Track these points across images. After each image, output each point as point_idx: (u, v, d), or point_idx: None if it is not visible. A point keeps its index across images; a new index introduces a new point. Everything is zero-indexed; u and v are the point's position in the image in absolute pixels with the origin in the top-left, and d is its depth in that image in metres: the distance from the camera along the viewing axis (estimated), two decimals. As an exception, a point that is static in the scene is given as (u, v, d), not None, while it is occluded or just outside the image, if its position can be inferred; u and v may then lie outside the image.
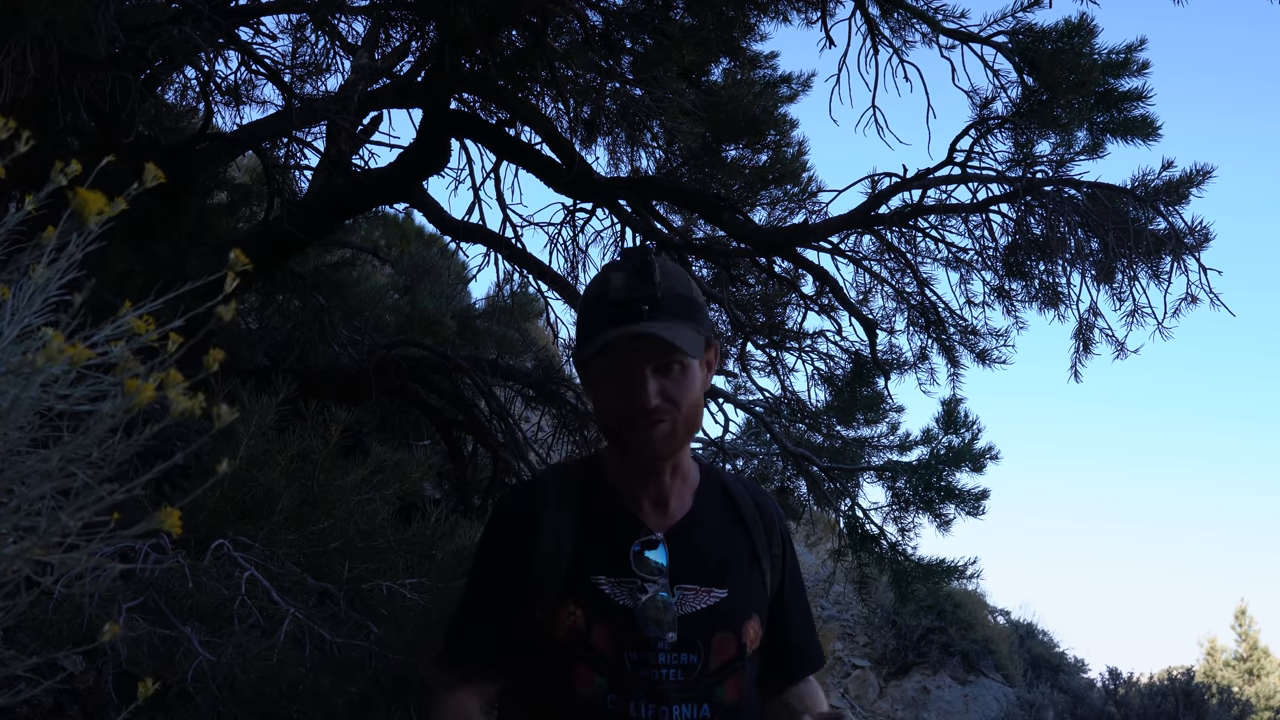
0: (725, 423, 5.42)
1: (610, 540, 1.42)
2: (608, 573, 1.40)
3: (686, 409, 1.39)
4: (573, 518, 1.44)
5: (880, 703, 9.57)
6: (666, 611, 1.38)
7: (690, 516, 1.46)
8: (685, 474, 1.49)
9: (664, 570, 1.41)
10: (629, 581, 1.40)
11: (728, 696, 1.41)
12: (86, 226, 0.82)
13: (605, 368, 1.39)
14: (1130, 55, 4.05)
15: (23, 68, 2.72)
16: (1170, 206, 4.05)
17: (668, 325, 1.35)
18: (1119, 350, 4.31)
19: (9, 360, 0.81)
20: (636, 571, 1.40)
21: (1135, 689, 8.46)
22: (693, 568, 1.42)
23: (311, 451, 2.90)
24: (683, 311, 1.38)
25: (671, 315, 1.36)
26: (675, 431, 1.39)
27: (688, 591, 1.41)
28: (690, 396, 1.39)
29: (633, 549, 1.41)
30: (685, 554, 1.43)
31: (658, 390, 1.36)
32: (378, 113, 4.67)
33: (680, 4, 4.02)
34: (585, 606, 1.38)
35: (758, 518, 1.51)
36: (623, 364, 1.37)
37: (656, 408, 1.35)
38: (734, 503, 1.52)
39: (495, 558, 1.47)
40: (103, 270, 3.24)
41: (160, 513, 0.76)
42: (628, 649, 1.37)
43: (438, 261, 6.55)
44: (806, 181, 4.91)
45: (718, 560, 1.44)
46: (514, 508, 1.50)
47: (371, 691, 2.50)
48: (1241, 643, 16.19)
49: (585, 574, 1.40)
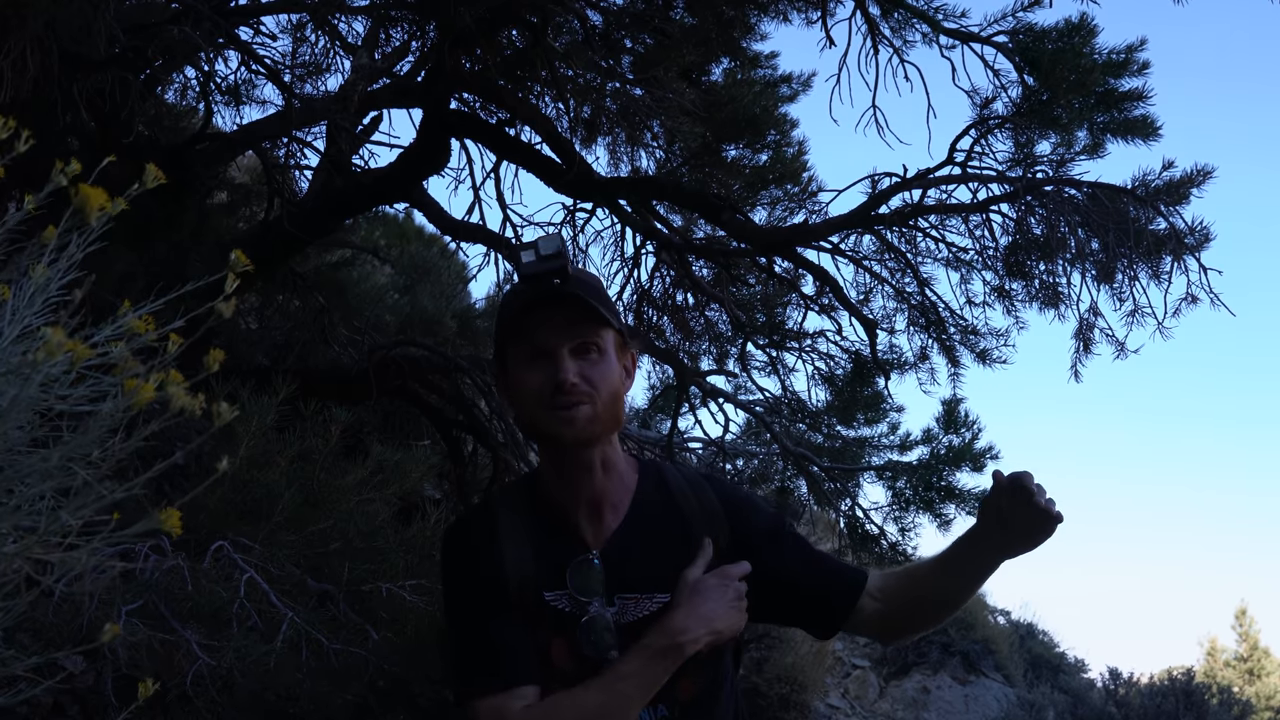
0: (725, 423, 5.41)
1: (551, 557, 1.42)
2: (551, 589, 1.41)
3: (606, 395, 1.39)
4: (523, 535, 1.44)
5: (880, 703, 9.56)
6: (606, 631, 1.39)
7: (626, 523, 1.45)
8: (620, 474, 1.47)
9: (602, 586, 1.41)
10: (570, 597, 1.41)
11: (683, 694, 1.42)
12: (87, 226, 0.82)
13: (521, 353, 1.40)
14: (1130, 55, 4.05)
15: (23, 68, 2.72)
16: (1170, 206, 4.05)
17: (580, 296, 1.38)
18: (1119, 350, 4.30)
19: (9, 360, 0.81)
20: (574, 588, 1.41)
21: (1135, 689, 8.46)
22: (631, 577, 1.42)
23: (311, 452, 2.90)
24: (597, 296, 1.42)
25: (585, 291, 1.40)
26: (597, 414, 1.38)
27: (628, 601, 1.41)
28: (609, 383, 1.40)
29: (570, 566, 1.41)
30: (622, 565, 1.42)
31: (576, 370, 1.37)
32: (378, 113, 4.67)
33: (680, 4, 4.02)
34: (540, 623, 1.40)
35: (699, 511, 1.48)
36: (539, 344, 1.38)
37: (574, 385, 1.36)
38: (673, 500, 1.49)
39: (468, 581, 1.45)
40: (103, 270, 3.24)
41: (160, 513, 0.76)
42: (580, 663, 1.38)
43: (438, 261, 6.56)
44: (806, 181, 4.91)
45: (657, 565, 1.43)
46: (469, 533, 1.49)
47: (370, 695, 2.50)
48: (1241, 643, 16.21)
49: (538, 591, 1.41)
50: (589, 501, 1.44)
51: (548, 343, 1.38)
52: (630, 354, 1.49)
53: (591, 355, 1.39)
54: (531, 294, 1.39)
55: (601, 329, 1.41)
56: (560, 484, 1.45)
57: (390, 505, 2.98)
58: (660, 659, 1.35)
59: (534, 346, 1.39)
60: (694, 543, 1.45)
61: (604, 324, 1.41)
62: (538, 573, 1.41)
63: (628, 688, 1.33)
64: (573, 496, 1.44)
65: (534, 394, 1.39)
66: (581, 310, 1.38)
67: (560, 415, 1.37)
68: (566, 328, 1.38)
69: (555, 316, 1.38)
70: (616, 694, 1.33)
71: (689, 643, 1.35)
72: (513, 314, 1.41)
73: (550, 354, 1.38)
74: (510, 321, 1.42)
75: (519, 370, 1.41)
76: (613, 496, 1.46)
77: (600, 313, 1.39)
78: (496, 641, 1.39)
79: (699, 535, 1.46)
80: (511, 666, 1.37)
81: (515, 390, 1.42)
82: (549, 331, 1.38)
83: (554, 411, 1.37)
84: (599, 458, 1.42)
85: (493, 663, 1.38)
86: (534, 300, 1.39)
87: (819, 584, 1.50)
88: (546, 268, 1.38)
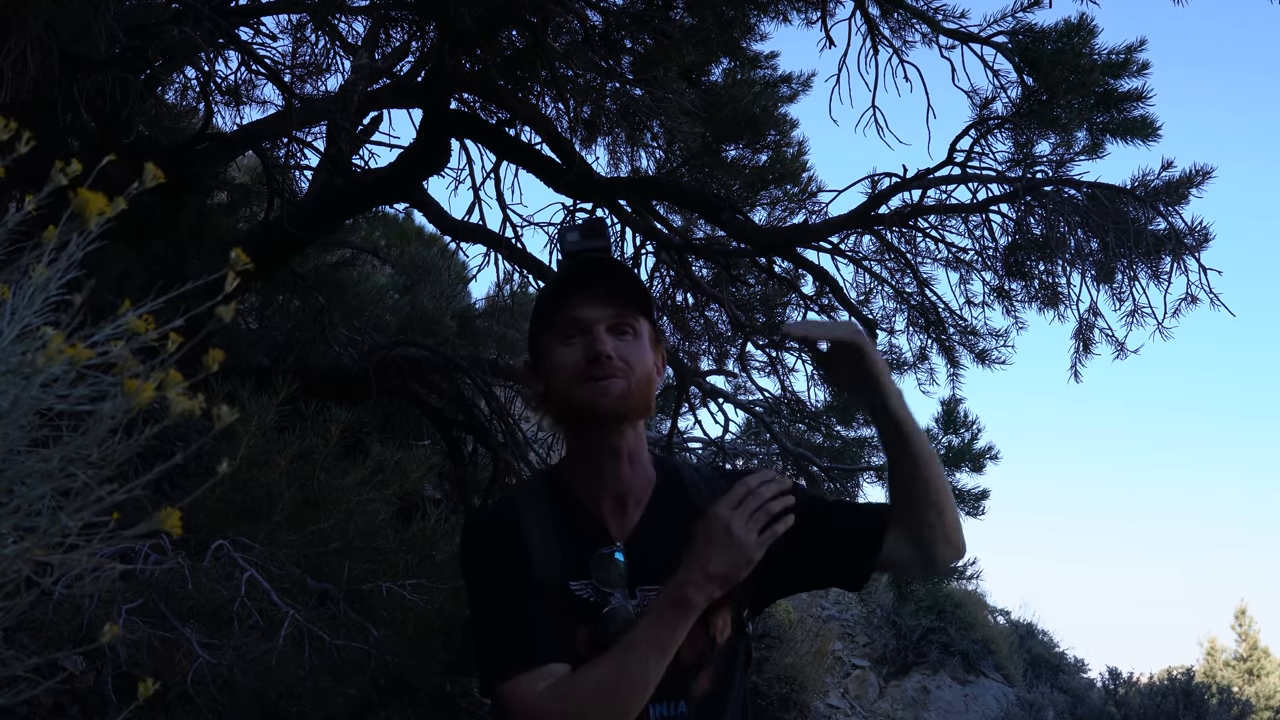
0: (725, 423, 5.42)
1: (574, 546, 1.42)
2: (576, 578, 1.41)
3: (640, 374, 1.39)
4: (547, 526, 1.44)
5: (880, 703, 9.56)
6: (627, 622, 1.38)
7: (648, 516, 1.46)
8: (643, 466, 1.47)
9: (624, 578, 1.41)
10: (594, 587, 1.41)
11: (701, 688, 1.42)
12: (86, 226, 0.82)
13: (559, 330, 1.41)
14: (1130, 55, 4.05)
15: (23, 68, 2.72)
16: (1170, 206, 4.05)
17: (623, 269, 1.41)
18: (1119, 350, 4.31)
19: (9, 360, 0.81)
20: (597, 580, 1.41)
21: (1135, 689, 8.46)
22: (653, 569, 1.41)
23: (311, 451, 2.90)
24: (637, 283, 1.44)
25: (626, 275, 1.43)
26: (630, 391, 1.38)
27: (650, 593, 1.41)
28: (643, 365, 1.41)
29: (593, 558, 1.41)
30: (645, 557, 1.43)
31: (613, 345, 1.38)
32: (378, 113, 4.67)
33: (680, 4, 4.02)
34: (566, 612, 1.39)
35: (711, 504, 1.46)
36: (577, 319, 1.39)
37: (610, 358, 1.36)
38: (688, 495, 1.49)
39: (493, 568, 1.44)
40: (103, 270, 3.24)
41: (160, 513, 0.76)
42: (603, 652, 1.37)
43: (438, 261, 6.56)
44: (806, 181, 4.92)
45: (678, 558, 1.41)
46: (492, 525, 1.49)
47: (370, 693, 2.50)
48: (1241, 643, 16.21)
49: (564, 581, 1.41)
50: (614, 492, 1.44)
51: (586, 317, 1.39)
52: (661, 351, 1.49)
53: (628, 335, 1.41)
54: (572, 268, 1.41)
55: (638, 314, 1.43)
56: (586, 473, 1.45)
57: (390, 505, 2.98)
58: (667, 613, 1.34)
59: (572, 322, 1.40)
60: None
61: (641, 308, 1.43)
62: (563, 563, 1.41)
63: (642, 646, 1.33)
64: (599, 487, 1.44)
65: (569, 368, 1.39)
66: (622, 288, 1.41)
67: (596, 386, 1.37)
68: (606, 304, 1.40)
69: (595, 291, 1.40)
70: (632, 653, 1.33)
71: (692, 591, 1.33)
72: (553, 289, 1.43)
73: (588, 329, 1.39)
74: (550, 297, 1.43)
75: (555, 352, 1.41)
76: (636, 489, 1.46)
77: (639, 293, 1.42)
78: (523, 624, 1.38)
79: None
80: (538, 647, 1.37)
81: (550, 373, 1.42)
82: (589, 306, 1.39)
83: (589, 383, 1.37)
84: (627, 445, 1.43)
85: (517, 646, 1.37)
86: (575, 274, 1.40)
87: (841, 535, 1.49)
88: (591, 245, 1.42)
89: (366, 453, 3.17)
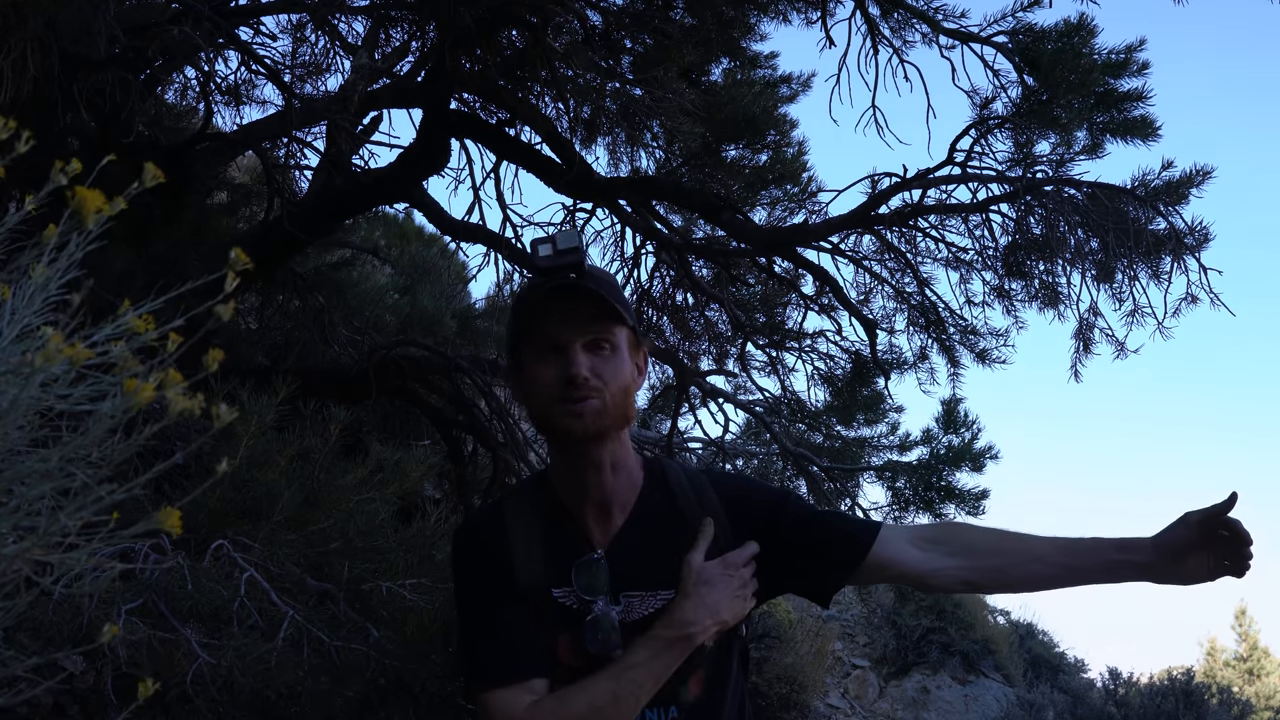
0: (725, 423, 5.42)
1: (559, 555, 1.43)
2: (558, 585, 1.42)
3: (615, 391, 1.39)
4: (531, 534, 1.45)
5: (880, 703, 9.56)
6: (611, 630, 1.39)
7: (631, 522, 1.46)
8: (628, 473, 1.47)
9: (607, 585, 1.41)
10: (577, 595, 1.42)
11: (691, 694, 1.43)
12: (86, 226, 0.82)
13: (535, 349, 1.41)
14: (1130, 55, 4.05)
15: (23, 68, 2.72)
16: (1170, 206, 4.05)
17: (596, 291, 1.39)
18: (1119, 350, 4.31)
19: (9, 360, 0.81)
20: (579, 587, 1.41)
21: (1135, 689, 8.46)
22: (636, 575, 1.42)
23: (311, 451, 2.89)
24: (611, 292, 1.42)
25: (599, 287, 1.40)
26: (606, 409, 1.38)
27: (633, 599, 1.42)
28: (620, 379, 1.40)
29: (575, 565, 1.42)
30: (628, 563, 1.43)
31: (588, 365, 1.37)
32: (378, 113, 4.67)
33: (680, 4, 4.01)
34: (548, 620, 1.40)
35: (697, 508, 1.48)
36: (552, 339, 1.39)
37: (586, 379, 1.36)
38: (674, 500, 1.49)
39: (478, 576, 1.45)
40: (102, 270, 3.24)
41: (160, 513, 0.76)
42: (586, 660, 1.39)
43: (438, 261, 6.56)
44: (806, 181, 4.92)
45: (661, 562, 1.43)
46: (478, 532, 1.49)
47: (370, 694, 2.50)
48: (1241, 643, 16.22)
49: (546, 588, 1.42)
50: (597, 501, 1.45)
51: (560, 337, 1.39)
52: (643, 352, 1.49)
53: (604, 351, 1.40)
54: (547, 288, 1.39)
55: (615, 325, 1.42)
56: (570, 482, 1.45)
57: (390, 505, 2.97)
58: (669, 649, 1.36)
59: (547, 341, 1.40)
60: (695, 538, 1.45)
61: (617, 320, 1.42)
62: (546, 571, 1.42)
63: (637, 676, 1.34)
64: (582, 495, 1.45)
65: (546, 389, 1.39)
66: (595, 305, 1.39)
67: (570, 409, 1.37)
68: (580, 323, 1.39)
69: (569, 311, 1.39)
70: (627, 683, 1.34)
71: (698, 633, 1.36)
72: (528, 308, 1.42)
73: (563, 349, 1.39)
74: (525, 315, 1.42)
75: (532, 367, 1.42)
76: (621, 496, 1.46)
77: (614, 309, 1.40)
78: (506, 635, 1.39)
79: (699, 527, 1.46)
80: (521, 660, 1.38)
81: (529, 387, 1.43)
82: (562, 326, 1.39)
83: (564, 405, 1.38)
84: (609, 457, 1.43)
85: (502, 656, 1.38)
86: (549, 294, 1.39)
87: (822, 544, 1.49)
88: (563, 262, 1.40)
89: (366, 452, 3.16)
